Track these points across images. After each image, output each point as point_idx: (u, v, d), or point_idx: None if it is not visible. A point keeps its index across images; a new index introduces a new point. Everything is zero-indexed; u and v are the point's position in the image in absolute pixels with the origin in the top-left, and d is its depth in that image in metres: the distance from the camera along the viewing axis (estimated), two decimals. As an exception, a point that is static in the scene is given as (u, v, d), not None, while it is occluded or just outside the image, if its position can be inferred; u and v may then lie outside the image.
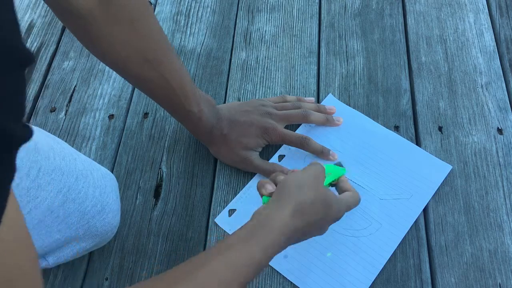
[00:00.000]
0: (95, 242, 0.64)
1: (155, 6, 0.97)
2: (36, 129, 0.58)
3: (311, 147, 0.75)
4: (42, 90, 0.87)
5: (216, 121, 0.72)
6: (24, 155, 0.55)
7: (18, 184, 0.53)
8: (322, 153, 0.75)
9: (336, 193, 0.63)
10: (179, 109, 0.69)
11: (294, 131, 0.78)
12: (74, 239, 0.61)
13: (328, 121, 0.78)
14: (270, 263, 0.68)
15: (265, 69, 0.88)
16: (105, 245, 0.70)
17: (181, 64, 0.68)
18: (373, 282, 0.66)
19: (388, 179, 0.74)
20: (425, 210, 0.72)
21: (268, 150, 0.77)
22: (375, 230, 0.70)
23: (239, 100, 0.84)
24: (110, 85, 0.87)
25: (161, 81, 0.65)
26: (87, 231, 0.61)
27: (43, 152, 0.57)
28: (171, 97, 0.67)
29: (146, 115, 0.83)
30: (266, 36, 0.92)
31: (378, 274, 0.66)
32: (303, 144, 0.75)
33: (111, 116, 0.83)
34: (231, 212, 0.72)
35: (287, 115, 0.76)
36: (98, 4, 0.56)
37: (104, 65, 0.88)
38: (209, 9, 0.96)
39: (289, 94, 0.84)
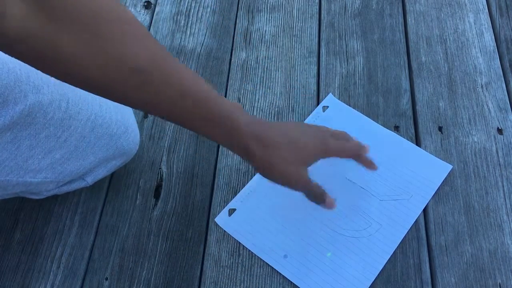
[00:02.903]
0: (123, 160, 0.71)
1: (155, 6, 0.97)
2: None
3: (364, 157, 0.67)
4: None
5: (261, 129, 0.57)
6: (53, 89, 0.58)
7: (53, 117, 0.58)
8: (370, 166, 0.68)
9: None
10: (200, 123, 0.54)
11: None
12: (106, 159, 0.67)
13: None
14: (270, 263, 0.68)
15: (265, 69, 0.88)
16: (105, 245, 0.70)
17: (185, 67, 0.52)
18: (373, 282, 0.66)
19: (388, 179, 0.74)
20: (425, 210, 0.72)
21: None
22: (375, 231, 0.70)
23: (239, 100, 0.84)
24: (110, 85, 0.87)
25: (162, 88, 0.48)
26: (116, 151, 0.68)
27: (67, 84, 0.48)
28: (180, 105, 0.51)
29: (146, 115, 0.83)
30: (266, 36, 0.92)
31: (378, 274, 0.67)
32: (360, 152, 0.66)
33: (111, 116, 0.83)
34: (231, 211, 0.72)
35: (339, 144, 0.65)
36: (35, 12, 0.37)
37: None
38: (209, 9, 0.96)
39: (289, 94, 0.84)
